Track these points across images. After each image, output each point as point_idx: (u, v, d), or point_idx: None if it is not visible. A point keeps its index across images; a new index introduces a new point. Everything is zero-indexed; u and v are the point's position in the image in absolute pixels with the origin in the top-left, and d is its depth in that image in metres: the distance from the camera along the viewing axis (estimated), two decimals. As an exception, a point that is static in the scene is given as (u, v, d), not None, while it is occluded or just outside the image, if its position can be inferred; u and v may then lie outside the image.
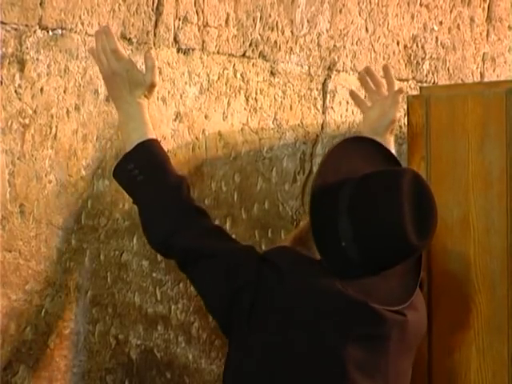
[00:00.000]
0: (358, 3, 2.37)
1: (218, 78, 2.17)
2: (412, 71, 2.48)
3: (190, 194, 1.82)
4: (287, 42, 2.26)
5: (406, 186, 1.77)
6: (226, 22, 2.18)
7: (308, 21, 2.28)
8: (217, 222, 2.06)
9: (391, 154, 1.92)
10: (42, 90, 1.94)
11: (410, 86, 2.46)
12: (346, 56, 2.36)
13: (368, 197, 1.79)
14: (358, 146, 1.88)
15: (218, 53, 2.17)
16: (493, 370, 2.12)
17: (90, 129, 2.00)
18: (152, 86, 1.85)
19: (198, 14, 2.14)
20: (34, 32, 1.92)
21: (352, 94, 2.15)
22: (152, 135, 1.83)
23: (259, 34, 2.23)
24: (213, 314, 1.85)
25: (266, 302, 1.75)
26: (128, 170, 1.81)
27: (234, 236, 1.93)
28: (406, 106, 2.28)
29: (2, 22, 1.88)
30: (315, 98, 2.33)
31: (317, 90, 2.33)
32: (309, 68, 2.23)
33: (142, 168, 1.80)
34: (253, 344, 1.76)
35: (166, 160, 1.83)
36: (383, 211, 1.77)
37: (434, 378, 2.20)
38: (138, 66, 1.98)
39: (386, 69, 2.11)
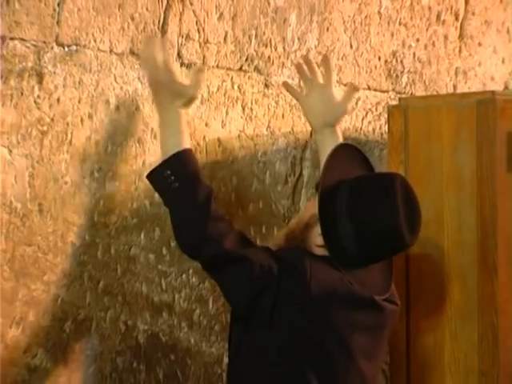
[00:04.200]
0: (344, 22, 2.36)
1: (217, 89, 2.17)
2: (392, 83, 2.46)
3: (217, 203, 1.79)
4: (280, 57, 2.26)
5: (399, 190, 1.77)
6: (225, 39, 2.17)
7: (298, 38, 2.28)
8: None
9: (366, 157, 1.92)
10: (58, 100, 1.94)
11: (390, 97, 2.45)
12: (333, 70, 2.32)
13: (365, 199, 1.79)
14: (344, 150, 1.88)
15: (217, 67, 2.17)
16: (464, 352, 2.12)
17: (101, 135, 2.00)
18: (193, 98, 1.83)
19: (199, 32, 2.13)
20: (52, 48, 1.92)
21: (285, 84, 2.08)
22: (187, 144, 1.80)
23: (254, 50, 2.22)
24: (235, 308, 1.83)
25: (287, 299, 1.75)
26: (165, 176, 1.77)
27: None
28: (386, 115, 2.28)
29: (23, 39, 1.87)
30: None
31: (306, 100, 2.33)
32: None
33: (178, 176, 1.77)
34: (274, 334, 1.76)
35: (199, 170, 1.80)
36: (382, 214, 1.77)
37: (412, 359, 2.20)
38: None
39: (325, 59, 2.04)
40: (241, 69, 2.20)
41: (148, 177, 1.82)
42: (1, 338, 1.87)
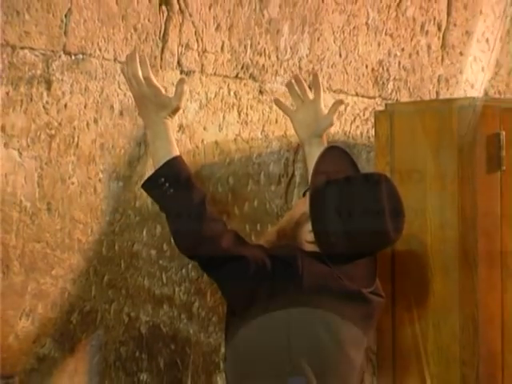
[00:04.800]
0: (333, 33, 2.36)
1: (215, 95, 2.17)
2: (378, 90, 2.46)
3: (211, 205, 1.79)
4: (273, 66, 2.26)
5: (384, 189, 1.81)
6: (222, 48, 2.17)
7: (291, 47, 2.28)
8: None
9: (353, 159, 1.94)
10: (65, 105, 1.95)
11: (376, 103, 2.45)
12: (323, 77, 2.35)
13: (353, 198, 1.81)
14: (332, 152, 1.91)
15: (215, 74, 2.17)
16: (447, 342, 2.12)
17: (106, 139, 2.00)
18: (177, 108, 1.82)
19: (197, 42, 2.13)
20: (59, 57, 1.93)
21: (276, 101, 2.10)
22: (177, 152, 1.80)
23: (249, 59, 2.22)
24: (232, 304, 1.84)
25: (281, 293, 1.77)
26: (159, 183, 1.77)
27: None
28: (373, 120, 2.29)
29: (32, 48, 1.88)
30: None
31: (298, 106, 2.33)
32: None
33: (172, 182, 1.76)
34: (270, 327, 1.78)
35: (191, 175, 1.80)
36: (368, 212, 1.80)
37: (397, 349, 2.20)
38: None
39: (315, 77, 2.06)
40: (237, 76, 2.20)
41: (143, 186, 1.82)
42: (12, 329, 1.88)
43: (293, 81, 2.07)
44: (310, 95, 2.05)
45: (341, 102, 2.09)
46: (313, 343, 1.79)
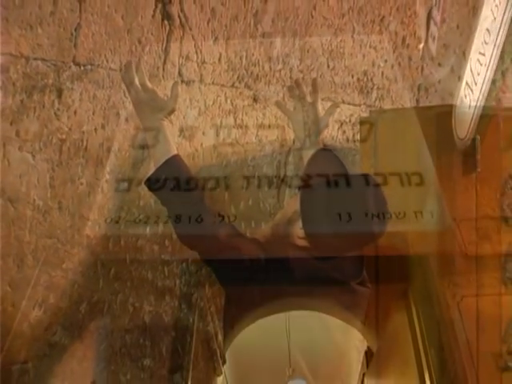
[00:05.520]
0: (322, 45, 2.37)
1: (213, 103, 2.21)
2: (363, 98, 2.45)
3: (208, 201, 1.83)
4: (266, 75, 2.29)
5: (370, 189, 1.84)
6: (219, 59, 2.21)
7: (282, 59, 2.31)
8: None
9: (341, 160, 1.97)
10: (75, 112, 2.01)
11: (361, 110, 2.44)
12: (319, 91, 2.25)
13: (341, 197, 1.83)
14: (323, 154, 1.95)
15: (213, 83, 2.21)
16: (427, 330, 2.09)
17: (112, 143, 2.06)
18: (172, 110, 1.85)
19: (197, 54, 2.18)
20: (69, 67, 2.00)
21: (277, 103, 2.08)
22: (175, 151, 1.82)
23: (245, 69, 2.26)
24: (228, 292, 1.87)
25: (274, 283, 1.80)
26: (160, 180, 1.79)
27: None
28: (358, 125, 2.32)
29: (44, 59, 1.95)
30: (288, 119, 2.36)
31: (289, 112, 2.37)
32: (283, 95, 2.26)
33: (172, 179, 1.78)
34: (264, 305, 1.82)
35: (190, 172, 1.83)
36: (355, 209, 1.81)
37: (382, 336, 2.16)
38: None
39: (314, 82, 2.05)
40: (233, 85, 2.24)
41: (145, 183, 1.83)
42: (25, 318, 1.95)
43: (294, 84, 2.10)
44: (309, 98, 2.04)
45: (336, 105, 2.14)
46: (304, 331, 1.83)
